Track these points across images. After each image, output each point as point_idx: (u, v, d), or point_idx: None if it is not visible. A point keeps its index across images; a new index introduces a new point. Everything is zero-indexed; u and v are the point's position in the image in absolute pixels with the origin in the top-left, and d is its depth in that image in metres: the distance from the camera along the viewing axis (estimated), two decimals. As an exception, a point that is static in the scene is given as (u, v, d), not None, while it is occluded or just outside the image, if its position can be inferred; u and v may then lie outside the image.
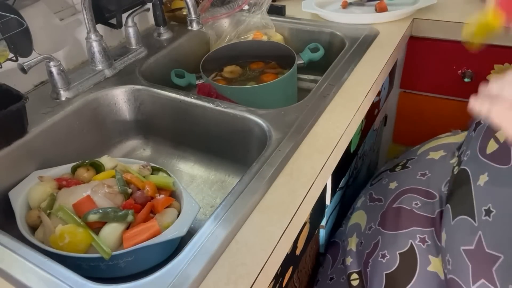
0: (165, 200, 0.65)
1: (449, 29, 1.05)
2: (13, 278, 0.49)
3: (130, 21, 0.96)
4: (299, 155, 0.65)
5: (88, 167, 0.71)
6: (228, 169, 0.84)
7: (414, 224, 0.72)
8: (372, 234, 0.79)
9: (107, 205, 0.62)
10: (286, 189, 0.59)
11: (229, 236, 0.52)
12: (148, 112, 0.88)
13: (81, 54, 0.95)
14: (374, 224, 0.80)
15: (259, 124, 0.72)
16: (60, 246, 0.57)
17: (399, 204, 0.77)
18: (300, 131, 0.68)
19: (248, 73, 1.01)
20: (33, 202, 0.65)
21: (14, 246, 0.52)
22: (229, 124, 0.78)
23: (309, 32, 1.09)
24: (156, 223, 0.60)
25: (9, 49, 0.71)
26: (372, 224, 0.81)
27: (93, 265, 0.58)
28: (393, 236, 0.74)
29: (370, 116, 0.98)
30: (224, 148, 0.82)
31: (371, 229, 0.80)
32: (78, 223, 0.59)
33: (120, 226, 0.60)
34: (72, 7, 0.93)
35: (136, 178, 0.68)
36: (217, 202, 0.77)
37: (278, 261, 0.54)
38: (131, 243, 0.58)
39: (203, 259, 0.48)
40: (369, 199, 0.88)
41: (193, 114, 0.81)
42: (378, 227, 0.79)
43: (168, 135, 0.89)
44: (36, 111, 0.77)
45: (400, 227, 0.74)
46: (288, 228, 0.53)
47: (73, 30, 0.92)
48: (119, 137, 0.91)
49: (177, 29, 1.09)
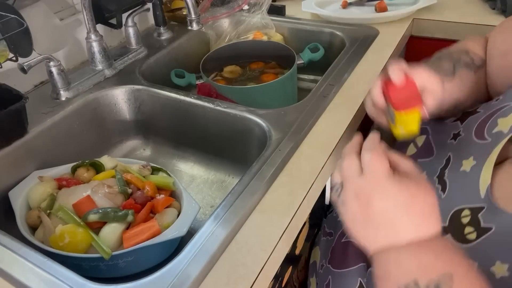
0: (165, 200, 0.65)
1: (449, 29, 1.05)
2: (13, 278, 0.48)
3: (130, 21, 0.96)
4: (299, 155, 0.65)
5: (88, 167, 0.71)
6: (228, 169, 0.84)
7: (362, 260, 0.64)
8: (323, 274, 0.71)
9: (107, 205, 0.62)
10: (286, 189, 0.59)
11: (229, 236, 0.52)
12: (148, 112, 0.88)
13: (81, 54, 0.95)
14: (325, 262, 0.72)
15: (259, 124, 0.72)
16: (60, 246, 0.57)
17: (347, 238, 0.69)
18: (300, 131, 0.68)
19: (248, 73, 1.01)
20: (33, 202, 0.65)
21: (14, 246, 0.52)
22: (229, 124, 0.78)
23: (309, 32, 1.09)
24: (156, 223, 0.60)
25: (9, 49, 0.71)
26: (324, 261, 0.72)
27: (93, 265, 0.57)
28: (342, 274, 0.66)
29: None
30: (224, 148, 0.82)
31: (323, 267, 0.72)
32: (78, 223, 0.59)
33: (120, 226, 0.60)
34: (72, 7, 0.93)
35: (136, 178, 0.68)
36: (217, 202, 0.77)
37: (278, 261, 0.54)
38: (131, 243, 0.58)
39: (203, 259, 0.48)
40: (322, 233, 0.79)
41: (193, 114, 0.81)
42: (328, 265, 0.70)
43: (168, 135, 0.89)
44: (36, 111, 0.77)
45: (348, 264, 0.65)
46: (288, 228, 0.53)
47: (73, 30, 0.92)
48: (119, 137, 0.91)
49: (177, 29, 1.09)
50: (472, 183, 0.52)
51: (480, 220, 0.48)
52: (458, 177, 0.55)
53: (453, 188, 0.55)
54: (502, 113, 0.55)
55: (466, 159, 0.55)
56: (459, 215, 0.51)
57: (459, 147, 0.59)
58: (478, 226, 0.48)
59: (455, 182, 0.55)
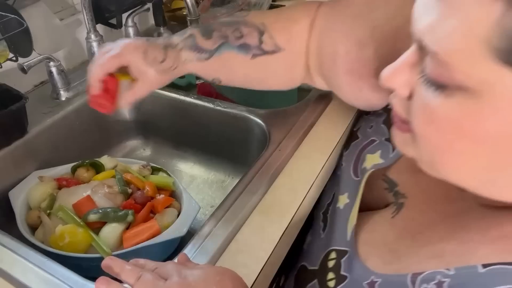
0: (165, 200, 0.65)
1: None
2: (13, 278, 0.48)
3: (130, 21, 0.96)
4: (299, 155, 0.65)
5: (88, 167, 0.71)
6: (228, 169, 0.84)
7: None
8: None
9: (107, 205, 0.62)
10: (286, 189, 0.59)
11: (229, 236, 0.52)
12: (148, 112, 0.88)
13: (81, 54, 0.95)
14: None
15: (259, 124, 0.72)
16: (60, 246, 0.57)
17: None
18: (300, 131, 0.68)
19: (248, 73, 1.01)
20: (33, 202, 0.65)
21: (14, 246, 0.52)
22: (229, 124, 0.78)
23: (309, 32, 1.08)
24: (156, 223, 0.60)
25: (9, 49, 0.71)
26: None
27: (93, 265, 0.57)
28: None
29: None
30: (224, 148, 0.82)
31: None
32: (78, 223, 0.59)
33: (120, 226, 0.60)
34: (72, 7, 0.93)
35: (136, 178, 0.68)
36: (217, 202, 0.77)
37: (278, 261, 0.54)
38: (131, 243, 0.58)
39: (203, 259, 0.48)
40: None
41: (193, 114, 0.81)
42: None
43: (168, 135, 0.89)
44: (36, 111, 0.77)
45: None
46: (288, 228, 0.53)
47: (73, 30, 0.92)
48: (119, 137, 0.91)
49: (177, 29, 1.08)
50: (343, 222, 0.49)
51: (342, 266, 0.45)
52: (335, 214, 0.53)
53: (330, 226, 0.53)
54: (371, 148, 0.53)
55: (342, 195, 0.53)
56: (328, 257, 0.48)
57: (339, 181, 0.56)
58: (338, 273, 0.45)
59: (332, 219, 0.53)
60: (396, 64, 0.35)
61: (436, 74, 0.31)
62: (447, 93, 0.30)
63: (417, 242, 0.41)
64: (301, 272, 0.53)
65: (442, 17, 0.28)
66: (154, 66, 0.53)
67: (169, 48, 0.54)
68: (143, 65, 0.53)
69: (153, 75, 0.54)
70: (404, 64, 0.35)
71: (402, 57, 0.35)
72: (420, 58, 0.33)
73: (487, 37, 0.26)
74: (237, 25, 0.55)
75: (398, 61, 0.35)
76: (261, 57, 0.56)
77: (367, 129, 0.57)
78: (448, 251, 0.37)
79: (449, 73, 0.29)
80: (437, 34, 0.29)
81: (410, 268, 0.38)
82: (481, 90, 0.28)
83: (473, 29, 0.26)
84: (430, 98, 0.31)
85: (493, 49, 0.26)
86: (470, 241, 0.36)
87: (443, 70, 0.29)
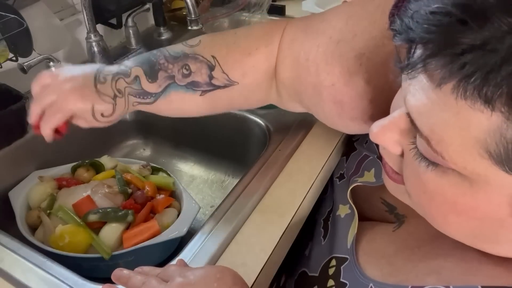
0: (165, 200, 0.65)
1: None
2: (13, 278, 0.48)
3: (130, 21, 0.96)
4: (299, 155, 0.65)
5: (88, 167, 0.71)
6: (228, 169, 0.84)
7: None
8: None
9: (107, 205, 0.62)
10: (286, 189, 0.59)
11: (229, 236, 0.52)
12: (148, 112, 0.88)
13: (81, 54, 0.95)
14: None
15: (259, 124, 0.72)
16: (60, 246, 0.57)
17: None
18: (300, 131, 0.68)
19: (248, 73, 1.01)
20: (33, 202, 0.65)
21: (14, 246, 0.52)
22: (229, 124, 0.78)
23: (309, 32, 1.09)
24: (156, 223, 0.60)
25: (9, 49, 0.71)
26: None
27: (93, 265, 0.58)
28: None
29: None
30: (224, 148, 0.82)
31: None
32: (78, 223, 0.59)
33: (120, 226, 0.60)
34: (72, 7, 0.93)
35: (136, 178, 0.68)
36: (217, 202, 0.77)
37: (278, 261, 0.54)
38: (131, 243, 0.58)
39: (203, 259, 0.48)
40: None
41: (193, 114, 0.81)
42: None
43: (168, 135, 0.89)
44: (36, 111, 0.77)
45: None
46: (288, 228, 0.53)
47: (73, 30, 0.92)
48: (119, 137, 0.91)
49: (177, 29, 1.09)
50: (344, 231, 0.49)
51: (341, 273, 0.45)
52: (336, 222, 0.52)
53: (331, 233, 0.52)
54: (367, 164, 0.52)
55: (344, 205, 0.52)
56: (328, 264, 0.48)
57: (340, 189, 0.55)
58: (338, 280, 0.45)
59: (333, 227, 0.53)
60: (385, 123, 0.33)
61: (429, 156, 0.29)
62: (440, 169, 0.29)
63: (415, 256, 0.41)
64: (301, 278, 0.53)
65: (438, 107, 0.26)
66: (102, 120, 0.53)
67: (117, 98, 0.53)
68: (91, 121, 0.53)
69: (101, 124, 0.54)
70: (393, 125, 0.32)
71: (391, 118, 0.32)
72: (410, 128, 0.31)
73: (483, 139, 0.25)
74: (185, 60, 0.52)
75: (387, 120, 0.33)
76: (212, 92, 0.53)
77: (363, 144, 0.57)
78: (447, 268, 0.37)
79: (443, 160, 0.28)
80: (431, 120, 0.27)
81: (408, 281, 0.38)
82: (476, 180, 0.27)
83: (470, 129, 0.25)
84: (422, 171, 0.30)
85: (490, 153, 0.25)
86: (473, 259, 0.36)
87: (436, 155, 0.28)
